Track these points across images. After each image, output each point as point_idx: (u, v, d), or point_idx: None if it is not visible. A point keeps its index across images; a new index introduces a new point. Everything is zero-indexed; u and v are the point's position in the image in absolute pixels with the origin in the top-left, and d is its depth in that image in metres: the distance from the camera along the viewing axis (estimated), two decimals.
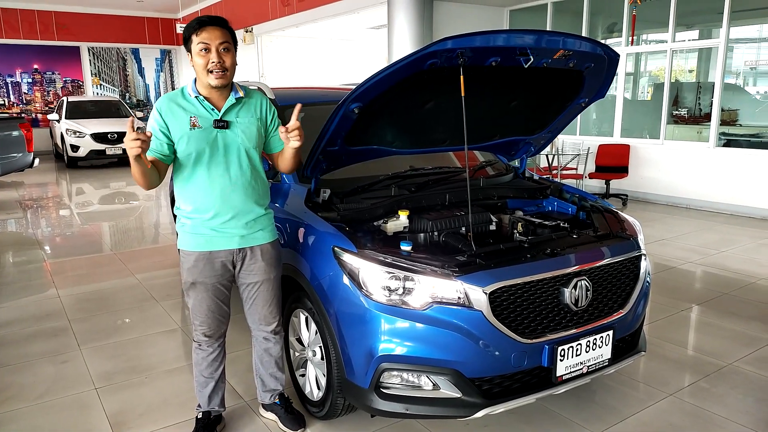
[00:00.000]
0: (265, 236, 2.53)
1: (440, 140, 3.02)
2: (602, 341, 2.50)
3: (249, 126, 2.43)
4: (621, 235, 2.77)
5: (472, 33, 2.27)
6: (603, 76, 2.84)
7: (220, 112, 2.38)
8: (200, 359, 2.61)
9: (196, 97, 2.37)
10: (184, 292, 2.53)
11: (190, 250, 2.44)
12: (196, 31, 2.29)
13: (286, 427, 2.72)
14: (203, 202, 2.39)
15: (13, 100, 16.13)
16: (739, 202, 7.52)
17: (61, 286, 4.93)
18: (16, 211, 8.48)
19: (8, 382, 3.26)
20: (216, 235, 2.42)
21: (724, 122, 8.02)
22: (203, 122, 2.35)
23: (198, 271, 2.44)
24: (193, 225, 2.42)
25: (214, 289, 2.48)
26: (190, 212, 2.41)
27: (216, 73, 2.30)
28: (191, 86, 2.40)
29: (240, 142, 2.40)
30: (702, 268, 5.30)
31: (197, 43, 2.29)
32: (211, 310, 2.51)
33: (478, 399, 2.30)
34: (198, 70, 2.33)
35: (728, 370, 3.31)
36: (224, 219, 2.40)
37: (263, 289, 2.57)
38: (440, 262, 2.30)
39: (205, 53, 2.29)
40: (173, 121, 2.33)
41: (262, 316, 2.63)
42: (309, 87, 4.57)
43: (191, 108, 2.36)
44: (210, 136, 2.35)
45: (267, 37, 14.75)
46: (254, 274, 2.53)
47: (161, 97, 2.40)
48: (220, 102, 2.39)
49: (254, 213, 2.47)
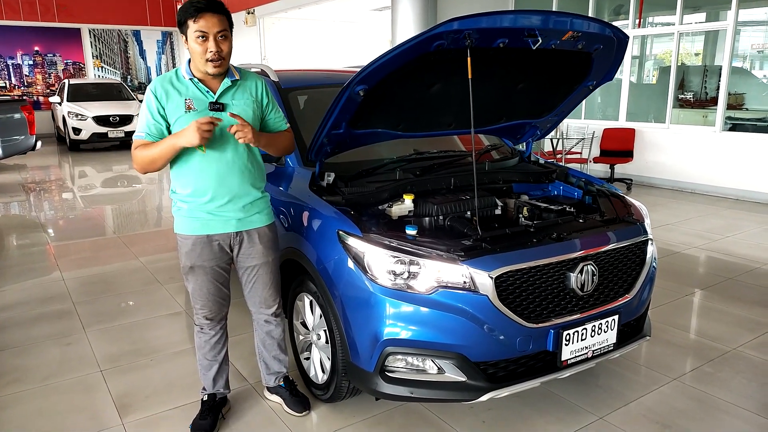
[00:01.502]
0: (262, 219, 2.52)
1: (446, 123, 2.99)
2: (608, 326, 2.49)
3: (245, 108, 2.40)
4: (627, 220, 2.75)
5: (478, 14, 2.23)
6: (612, 58, 2.80)
7: (216, 95, 2.35)
8: (203, 342, 2.61)
9: (191, 79, 2.33)
10: (183, 276, 2.53)
11: (188, 234, 2.42)
12: (193, 17, 2.23)
13: (291, 409, 2.73)
14: (200, 185, 2.37)
15: (15, 83, 16.04)
16: (745, 186, 7.47)
17: (65, 269, 4.94)
18: (19, 194, 8.48)
19: (13, 364, 3.28)
20: (213, 219, 2.41)
21: (731, 106, 7.94)
22: (198, 105, 2.32)
23: (196, 255, 2.43)
24: (189, 209, 2.41)
25: (213, 272, 2.48)
26: (187, 196, 2.39)
27: (214, 62, 2.27)
28: (185, 68, 2.35)
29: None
30: (707, 253, 5.29)
31: (194, 30, 2.24)
32: (212, 293, 2.51)
33: (483, 383, 2.30)
34: (194, 55, 2.28)
35: (732, 355, 3.31)
36: (221, 202, 2.39)
37: (262, 272, 2.57)
38: (446, 247, 2.28)
39: (203, 41, 2.24)
40: (169, 103, 2.30)
41: (262, 299, 2.62)
42: (313, 69, 4.52)
43: (186, 90, 2.33)
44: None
45: (269, 19, 14.62)
46: (253, 257, 2.52)
47: (154, 80, 2.36)
48: (215, 84, 2.36)
49: (251, 196, 2.46)
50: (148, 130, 2.31)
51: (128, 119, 12.65)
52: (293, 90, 3.43)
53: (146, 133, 2.31)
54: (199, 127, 2.16)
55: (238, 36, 15.79)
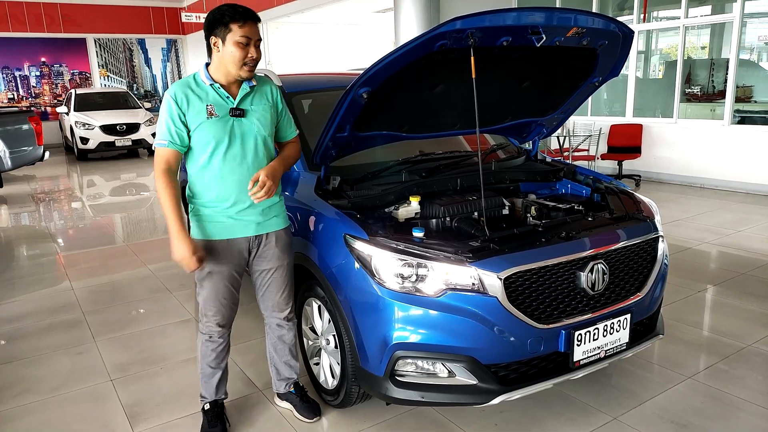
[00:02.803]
0: (279, 222, 2.53)
1: (451, 124, 2.97)
2: (620, 325, 2.46)
3: (263, 114, 2.41)
4: (637, 217, 2.72)
5: (481, 12, 2.21)
6: (617, 54, 2.77)
7: (236, 101, 2.35)
8: (209, 351, 2.59)
9: (211, 84, 2.33)
10: (198, 282, 2.51)
11: (209, 239, 2.42)
12: (239, 22, 2.24)
13: (302, 415, 2.71)
14: (222, 190, 2.37)
15: (22, 94, 16.18)
16: (755, 180, 7.39)
17: (75, 279, 4.95)
18: (28, 205, 8.53)
19: (23, 375, 3.28)
20: (234, 223, 2.41)
21: (739, 99, 7.86)
22: (219, 110, 2.32)
23: (216, 259, 2.43)
24: (210, 213, 2.41)
25: (229, 277, 2.48)
26: (209, 201, 2.40)
27: (250, 67, 2.30)
28: (204, 73, 2.35)
29: (256, 130, 2.39)
30: (718, 248, 5.23)
31: (240, 35, 2.24)
32: (226, 299, 2.50)
33: (495, 385, 2.27)
34: (230, 60, 2.27)
35: (747, 351, 3.26)
36: (242, 207, 2.40)
37: (277, 276, 2.56)
38: (453, 248, 2.26)
39: (245, 47, 2.26)
40: (190, 109, 2.29)
41: (275, 303, 2.62)
42: (316, 73, 4.52)
43: (206, 96, 2.33)
44: (227, 124, 2.33)
45: (272, 23, 14.66)
46: (268, 260, 2.52)
47: (173, 85, 2.35)
48: (234, 90, 2.37)
49: (270, 200, 2.46)
50: (171, 138, 2.30)
51: (135, 128, 12.71)
52: (297, 94, 3.42)
53: (169, 141, 2.30)
54: (187, 266, 2.32)
55: None
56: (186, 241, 2.29)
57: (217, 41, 2.28)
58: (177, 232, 2.29)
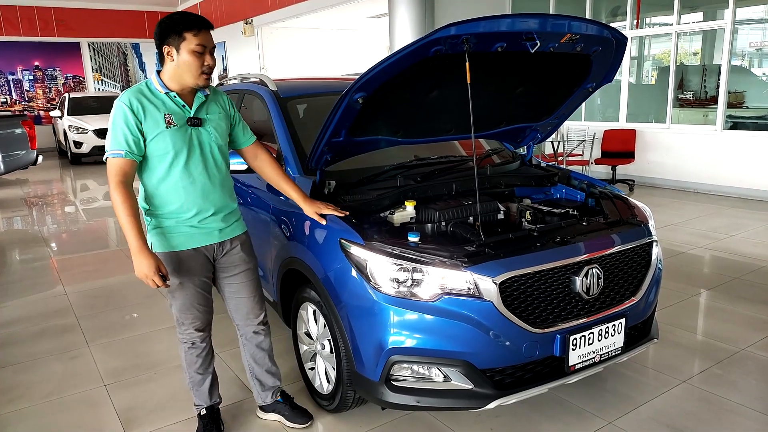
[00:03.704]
0: (240, 227, 2.56)
1: (446, 129, 2.98)
2: (615, 329, 2.46)
3: (219, 122, 2.42)
4: (632, 222, 2.73)
5: (476, 18, 2.22)
6: (611, 59, 2.79)
7: (192, 110, 2.34)
8: (194, 358, 2.56)
9: (167, 93, 2.29)
10: (169, 295, 2.45)
11: (175, 250, 2.37)
12: (193, 30, 2.22)
13: (294, 422, 2.69)
14: (186, 201, 2.33)
15: (15, 98, 16.12)
16: (748, 185, 7.44)
17: (68, 283, 4.92)
18: (21, 209, 8.49)
19: (16, 380, 3.26)
20: (197, 232, 2.39)
21: (731, 105, 7.92)
22: (177, 119, 2.29)
23: (184, 269, 2.39)
24: (173, 225, 2.36)
25: (200, 283, 2.46)
26: (170, 212, 2.34)
27: (207, 75, 2.29)
28: (157, 81, 2.30)
29: (213, 139, 2.38)
30: (711, 252, 5.25)
31: (196, 44, 2.22)
32: (201, 304, 2.49)
33: (490, 390, 2.28)
34: (186, 68, 2.24)
35: (741, 355, 3.28)
36: (205, 215, 2.39)
37: (246, 279, 2.56)
38: (449, 253, 2.26)
39: (200, 55, 2.24)
40: (147, 118, 2.23)
41: (250, 308, 2.60)
42: (311, 78, 4.52)
43: (162, 105, 2.28)
44: (186, 134, 2.31)
45: (267, 28, 14.67)
46: (236, 264, 2.53)
47: (125, 92, 2.25)
48: (189, 99, 2.34)
49: (230, 207, 2.49)
50: (128, 147, 2.20)
51: None
52: (292, 99, 3.42)
53: (126, 150, 2.20)
54: (152, 284, 2.19)
55: (236, 46, 15.92)
56: (148, 257, 2.18)
57: (171, 50, 2.24)
58: (138, 249, 2.17)
